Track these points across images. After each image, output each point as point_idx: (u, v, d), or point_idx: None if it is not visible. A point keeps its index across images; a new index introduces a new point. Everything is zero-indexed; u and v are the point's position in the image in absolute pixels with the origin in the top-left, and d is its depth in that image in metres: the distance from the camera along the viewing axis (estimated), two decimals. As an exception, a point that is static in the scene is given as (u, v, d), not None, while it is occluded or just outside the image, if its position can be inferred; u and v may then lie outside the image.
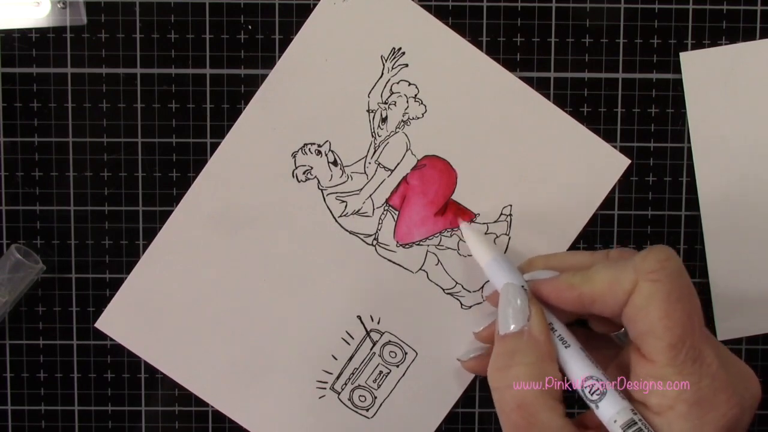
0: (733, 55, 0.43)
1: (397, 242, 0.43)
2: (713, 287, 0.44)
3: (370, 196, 0.43)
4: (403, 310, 0.44)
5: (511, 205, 0.43)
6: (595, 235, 0.44)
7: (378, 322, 0.44)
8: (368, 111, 0.43)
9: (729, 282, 0.44)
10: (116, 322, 0.44)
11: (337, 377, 0.44)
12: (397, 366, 0.44)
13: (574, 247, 0.44)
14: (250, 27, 0.43)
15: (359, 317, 0.44)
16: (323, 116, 0.43)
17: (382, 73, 0.42)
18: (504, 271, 0.38)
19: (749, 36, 0.43)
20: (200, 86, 0.43)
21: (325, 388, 0.44)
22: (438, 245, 0.43)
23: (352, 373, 0.44)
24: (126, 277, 0.43)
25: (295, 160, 0.43)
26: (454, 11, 0.43)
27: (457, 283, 0.44)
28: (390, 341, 0.44)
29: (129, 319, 0.44)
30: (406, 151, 0.43)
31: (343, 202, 0.43)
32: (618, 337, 0.40)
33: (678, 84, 0.43)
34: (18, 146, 0.43)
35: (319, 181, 0.43)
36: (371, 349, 0.44)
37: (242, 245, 0.43)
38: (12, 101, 0.43)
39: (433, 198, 0.43)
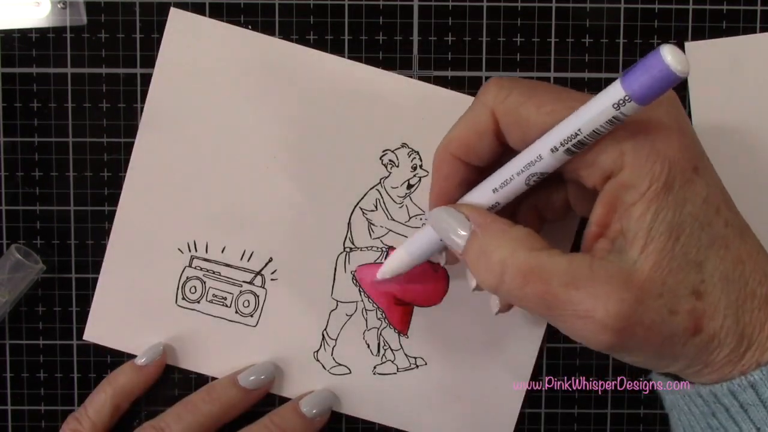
0: (736, 48, 0.43)
1: (353, 272, 0.43)
2: (713, 287, 0.44)
3: (390, 230, 0.43)
4: (290, 293, 0.43)
5: None
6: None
7: (272, 273, 0.43)
8: None
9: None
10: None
11: (205, 261, 0.43)
12: (237, 313, 0.44)
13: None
14: (250, 27, 0.43)
15: (271, 258, 0.43)
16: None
17: None
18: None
19: (749, 36, 0.43)
20: (200, 86, 0.43)
21: (184, 260, 0.43)
22: (364, 309, 0.44)
23: (213, 272, 0.44)
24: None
25: (399, 151, 0.43)
26: (454, 11, 0.43)
27: (325, 336, 0.43)
28: (254, 294, 0.43)
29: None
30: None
31: (377, 207, 0.43)
32: None
33: (678, 84, 0.43)
34: (18, 146, 0.43)
35: (388, 176, 0.43)
36: (241, 280, 0.43)
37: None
38: (12, 101, 0.43)
39: (409, 291, 0.43)
